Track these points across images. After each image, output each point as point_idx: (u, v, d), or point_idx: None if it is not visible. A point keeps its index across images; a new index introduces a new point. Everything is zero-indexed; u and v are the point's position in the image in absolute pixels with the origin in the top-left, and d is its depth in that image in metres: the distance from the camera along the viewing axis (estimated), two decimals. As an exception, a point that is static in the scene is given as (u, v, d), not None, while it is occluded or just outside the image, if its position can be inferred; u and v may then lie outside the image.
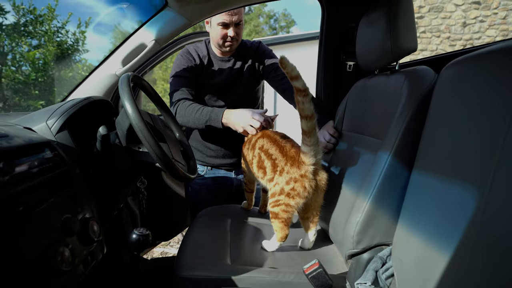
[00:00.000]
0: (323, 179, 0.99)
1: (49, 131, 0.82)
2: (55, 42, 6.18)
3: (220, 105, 1.41)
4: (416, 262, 0.67)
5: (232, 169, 1.51)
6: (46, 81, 5.97)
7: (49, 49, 5.92)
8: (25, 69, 5.96)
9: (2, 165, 0.53)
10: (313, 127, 0.92)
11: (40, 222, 0.56)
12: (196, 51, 1.40)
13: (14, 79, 5.82)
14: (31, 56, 5.72)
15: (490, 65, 0.55)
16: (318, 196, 1.01)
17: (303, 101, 0.88)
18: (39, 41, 6.15)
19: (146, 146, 0.80)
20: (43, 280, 0.52)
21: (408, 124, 0.78)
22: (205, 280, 0.83)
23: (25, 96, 6.02)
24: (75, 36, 6.64)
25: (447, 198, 0.60)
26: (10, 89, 5.98)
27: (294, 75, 0.87)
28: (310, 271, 0.80)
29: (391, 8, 0.87)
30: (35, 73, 5.77)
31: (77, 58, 6.96)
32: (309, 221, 1.04)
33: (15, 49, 6.05)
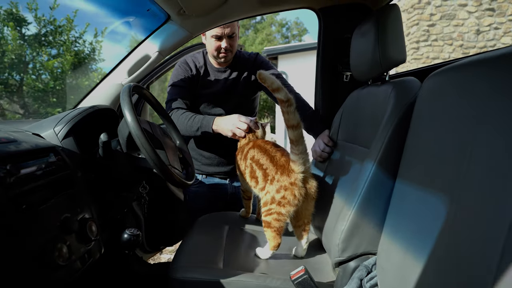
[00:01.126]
0: (313, 187, 1.01)
1: (56, 137, 0.88)
2: (72, 51, 6.45)
3: (216, 113, 1.45)
4: (396, 270, 0.69)
5: (226, 177, 1.55)
6: (63, 89, 6.22)
7: (67, 58, 6.18)
8: (44, 78, 6.22)
9: (9, 167, 0.59)
10: (300, 136, 0.94)
11: (41, 220, 0.61)
12: (193, 62, 1.45)
13: (34, 87, 6.08)
14: (50, 65, 5.98)
15: (466, 76, 0.57)
16: (308, 204, 1.02)
17: (288, 111, 0.91)
18: (58, 51, 6.44)
19: (143, 153, 0.85)
20: (41, 272, 0.58)
21: (393, 133, 0.80)
22: (196, 282, 0.87)
23: (44, 103, 6.27)
24: (92, 45, 6.92)
25: (423, 207, 0.63)
26: (31, 97, 6.24)
27: (275, 88, 0.90)
28: (296, 277, 0.82)
29: (379, 21, 0.91)
30: (53, 82, 6.03)
31: (93, 67, 7.23)
32: (301, 229, 1.06)
33: (36, 59, 6.34)
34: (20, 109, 6.34)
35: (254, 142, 1.18)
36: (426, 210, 0.61)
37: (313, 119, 1.34)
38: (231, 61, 1.47)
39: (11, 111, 6.27)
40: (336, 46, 1.33)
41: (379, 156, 0.81)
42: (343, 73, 1.35)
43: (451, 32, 6.06)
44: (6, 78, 5.93)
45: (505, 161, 0.44)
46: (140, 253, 1.60)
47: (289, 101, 0.91)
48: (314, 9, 1.30)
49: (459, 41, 6.08)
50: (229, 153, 1.42)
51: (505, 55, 0.48)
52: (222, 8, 1.14)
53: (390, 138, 0.80)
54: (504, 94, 0.46)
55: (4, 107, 6.15)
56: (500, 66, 0.49)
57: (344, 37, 1.30)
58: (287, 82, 1.46)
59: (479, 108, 0.51)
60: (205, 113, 1.45)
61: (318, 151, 1.23)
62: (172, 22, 1.22)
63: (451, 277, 0.51)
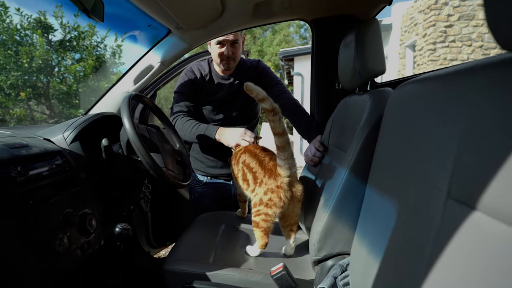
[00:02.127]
0: (299, 191, 1.06)
1: (65, 141, 1.00)
2: (94, 55, 6.78)
3: (219, 118, 1.52)
4: (363, 270, 0.74)
5: (230, 179, 1.61)
6: (85, 91, 6.54)
7: (89, 62, 6.50)
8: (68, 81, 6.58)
9: (19, 169, 0.70)
10: (286, 143, 1.01)
11: (45, 213, 0.72)
12: (198, 69, 1.52)
13: (59, 89, 6.43)
14: (73, 69, 6.31)
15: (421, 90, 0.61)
16: (294, 206, 1.08)
17: (273, 119, 0.98)
18: (80, 55, 6.79)
19: (139, 156, 0.95)
20: (45, 257, 0.68)
21: (365, 141, 0.85)
22: (184, 273, 0.96)
23: (68, 105, 6.63)
24: (112, 49, 7.25)
25: (381, 211, 0.68)
26: (56, 99, 6.61)
27: (261, 98, 0.97)
28: (275, 273, 0.89)
29: (358, 35, 0.97)
30: (76, 84, 6.38)
31: (114, 70, 7.56)
32: (288, 229, 1.12)
33: (61, 63, 6.70)
34: (46, 110, 6.74)
35: (245, 147, 1.25)
36: (383, 214, 0.67)
37: (308, 125, 1.40)
38: (235, 68, 1.52)
39: (39, 112, 6.68)
40: (328, 55, 1.39)
41: (351, 162, 0.86)
42: (335, 81, 1.40)
43: (470, 33, 5.88)
44: (35, 81, 6.31)
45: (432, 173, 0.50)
46: (147, 248, 1.72)
47: (274, 110, 0.97)
48: (307, 21, 1.36)
49: (479, 42, 5.90)
50: None
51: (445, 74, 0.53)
52: (217, 21, 1.23)
53: (362, 145, 0.85)
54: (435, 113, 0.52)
55: (33, 108, 6.55)
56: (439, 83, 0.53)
57: (336, 46, 1.36)
58: (286, 89, 1.53)
59: (426, 122, 0.56)
60: (209, 118, 1.53)
61: (309, 156, 1.29)
62: (172, 35, 1.32)
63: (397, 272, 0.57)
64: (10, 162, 0.70)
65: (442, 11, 5.80)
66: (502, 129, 0.37)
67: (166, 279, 0.96)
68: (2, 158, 0.69)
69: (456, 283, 0.41)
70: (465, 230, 0.41)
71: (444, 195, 0.46)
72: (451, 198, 0.45)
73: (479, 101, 0.42)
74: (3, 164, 0.68)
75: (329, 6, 1.26)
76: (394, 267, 0.59)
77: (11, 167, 0.69)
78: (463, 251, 0.41)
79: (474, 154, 0.41)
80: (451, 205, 0.45)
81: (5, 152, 0.72)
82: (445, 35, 5.85)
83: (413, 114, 0.61)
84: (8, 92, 5.71)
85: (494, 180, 0.37)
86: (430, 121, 0.54)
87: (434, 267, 0.46)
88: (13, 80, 5.72)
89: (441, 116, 0.50)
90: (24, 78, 6.02)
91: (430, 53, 5.91)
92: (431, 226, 0.48)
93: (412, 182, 0.56)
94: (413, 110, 0.61)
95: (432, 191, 0.49)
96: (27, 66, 5.90)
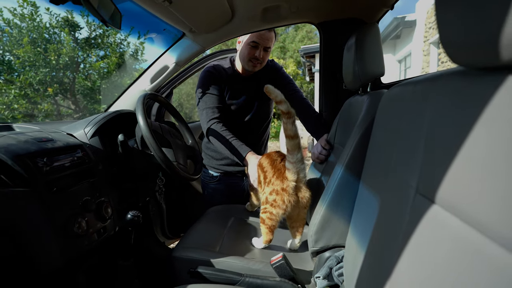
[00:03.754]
0: (305, 198, 1.06)
1: (85, 136, 1.10)
2: (118, 53, 7.04)
3: (238, 119, 1.54)
4: (353, 261, 0.79)
5: (243, 176, 1.66)
6: (108, 87, 6.81)
7: (112, 59, 6.76)
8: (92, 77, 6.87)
9: (45, 160, 0.80)
10: (296, 146, 1.02)
11: (67, 200, 0.82)
12: (222, 69, 1.50)
13: (83, 85, 6.74)
14: (98, 65, 6.58)
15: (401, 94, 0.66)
16: (300, 211, 1.08)
17: (287, 122, 1.00)
18: (105, 52, 7.07)
19: (151, 150, 1.03)
20: (65, 239, 0.78)
21: (359, 140, 0.89)
22: (190, 260, 1.03)
23: (92, 100, 6.93)
24: (135, 47, 7.49)
25: (368, 206, 0.73)
26: (81, 94, 6.92)
27: (279, 100, 1.00)
28: (274, 262, 0.95)
29: (358, 39, 1.00)
30: (100, 80, 6.66)
31: (136, 67, 7.81)
32: (294, 230, 1.15)
33: (86, 60, 7.01)
34: (72, 105, 7.09)
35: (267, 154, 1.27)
36: (369, 208, 0.72)
37: (316, 124, 1.44)
38: None
39: (65, 106, 7.03)
40: (335, 56, 1.43)
41: (346, 160, 0.91)
42: (342, 82, 1.44)
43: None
44: (62, 77, 6.64)
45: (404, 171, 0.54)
46: (163, 238, 1.81)
47: (290, 113, 1.00)
48: (314, 24, 1.40)
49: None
50: None
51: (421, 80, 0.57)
52: (228, 26, 1.29)
53: (357, 143, 0.90)
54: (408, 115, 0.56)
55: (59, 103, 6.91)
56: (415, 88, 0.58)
57: (342, 48, 1.39)
58: (297, 88, 1.57)
59: (403, 124, 0.61)
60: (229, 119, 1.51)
61: (315, 153, 1.33)
62: (186, 37, 1.39)
63: (376, 263, 0.62)
64: (38, 154, 0.80)
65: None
66: (454, 131, 0.42)
67: (174, 265, 1.04)
68: (31, 150, 0.79)
69: (420, 271, 0.46)
70: (427, 223, 0.46)
71: (414, 190, 0.51)
72: (418, 193, 0.50)
73: (441, 105, 0.46)
74: (32, 156, 0.78)
75: (335, 10, 1.30)
76: (374, 258, 0.64)
77: (38, 158, 0.79)
78: (425, 242, 0.46)
79: (436, 152, 0.46)
80: (418, 200, 0.50)
81: (34, 145, 0.82)
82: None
83: (396, 114, 0.65)
84: (37, 88, 6.05)
85: (448, 176, 0.41)
86: (406, 121, 0.58)
87: (403, 257, 0.51)
88: (42, 77, 6.05)
89: (413, 117, 0.54)
90: (51, 75, 6.35)
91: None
92: (402, 220, 0.53)
93: (390, 179, 0.61)
94: (396, 110, 0.65)
95: (404, 187, 0.54)
96: (54, 63, 6.22)
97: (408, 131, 0.56)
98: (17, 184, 0.72)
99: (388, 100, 0.73)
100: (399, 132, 0.61)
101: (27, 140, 0.83)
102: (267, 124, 1.69)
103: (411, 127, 0.55)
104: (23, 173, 0.73)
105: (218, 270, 0.96)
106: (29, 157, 0.76)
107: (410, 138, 0.55)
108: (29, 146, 0.80)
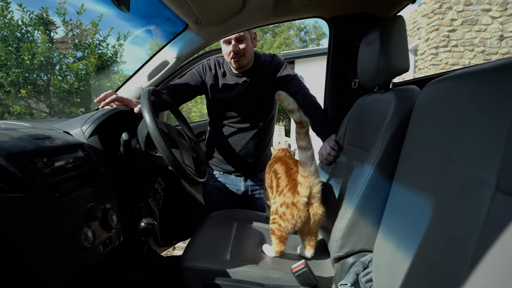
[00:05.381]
0: (318, 214, 0.99)
1: (83, 135, 0.98)
2: (96, 54, 6.75)
3: (233, 115, 1.51)
4: (389, 267, 0.73)
5: (241, 176, 1.62)
6: (86, 90, 6.51)
7: (91, 60, 6.47)
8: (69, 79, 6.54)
9: (45, 160, 0.68)
10: (309, 159, 0.95)
11: (70, 207, 0.70)
12: (216, 65, 1.51)
13: (60, 87, 6.39)
14: (75, 67, 6.27)
15: (453, 87, 0.61)
16: (311, 226, 1.02)
17: (299, 132, 0.93)
18: (83, 53, 6.76)
19: (159, 151, 0.93)
20: (70, 252, 0.66)
21: (391, 138, 0.84)
22: (204, 270, 0.94)
23: (68, 103, 6.58)
24: (115, 48, 7.21)
25: (413, 208, 0.67)
26: (56, 97, 6.56)
27: (290, 109, 0.92)
28: (296, 269, 0.88)
29: (383, 32, 0.96)
30: (77, 83, 6.33)
31: (115, 69, 7.52)
32: (306, 242, 1.07)
33: (62, 61, 6.66)
34: (46, 108, 6.69)
35: (280, 157, 1.21)
36: (415, 211, 0.66)
37: (323, 123, 1.38)
38: (251, 65, 1.49)
39: (38, 110, 6.63)
40: (345, 54, 1.38)
41: (377, 159, 0.85)
42: (352, 80, 1.39)
43: (473, 38, 5.93)
44: (35, 79, 6.26)
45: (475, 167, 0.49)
46: (154, 246, 1.70)
47: (302, 123, 0.93)
48: (325, 18, 1.36)
49: (481, 47, 5.94)
50: (247, 155, 1.53)
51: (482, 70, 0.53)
52: (236, 17, 1.22)
53: (389, 143, 0.85)
54: (477, 105, 0.51)
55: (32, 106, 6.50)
56: (477, 79, 0.53)
57: (353, 45, 1.35)
58: (303, 84, 1.49)
59: (459, 117, 0.56)
60: (224, 115, 1.52)
61: (324, 154, 1.28)
62: (189, 30, 1.31)
63: (434, 271, 0.56)
64: (36, 153, 0.68)
65: (446, 15, 5.84)
66: None
67: (186, 277, 0.94)
68: (28, 149, 0.67)
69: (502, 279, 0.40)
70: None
71: (492, 188, 0.45)
72: (499, 191, 0.44)
73: None
74: (29, 155, 0.66)
75: (348, 4, 1.26)
76: (428, 265, 0.58)
77: (37, 158, 0.67)
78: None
79: None
80: (500, 199, 0.44)
81: (30, 142, 0.70)
82: (448, 39, 5.88)
83: (449, 111, 0.60)
84: (9, 89, 5.65)
85: None
86: (470, 118, 0.53)
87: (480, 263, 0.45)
88: (14, 77, 5.67)
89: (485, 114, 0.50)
90: (25, 75, 5.96)
91: (432, 57, 5.95)
92: (475, 222, 0.47)
93: (451, 179, 0.55)
94: (449, 107, 0.61)
95: (476, 186, 0.48)
96: (28, 63, 5.85)
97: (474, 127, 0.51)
98: (12, 189, 0.60)
99: (433, 96, 0.69)
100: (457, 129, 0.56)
101: (21, 137, 0.71)
102: (269, 122, 1.62)
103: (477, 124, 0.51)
104: (20, 175, 0.62)
105: (236, 281, 0.88)
106: (26, 157, 0.65)
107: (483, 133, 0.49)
108: (25, 144, 0.69)
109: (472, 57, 5.93)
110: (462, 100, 0.57)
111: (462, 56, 5.92)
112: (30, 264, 0.59)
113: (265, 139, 1.61)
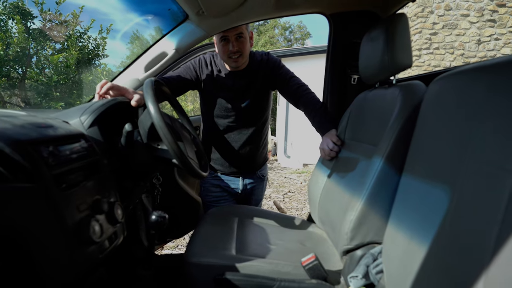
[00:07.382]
0: None
1: (82, 125, 0.93)
2: (77, 46, 6.48)
3: (229, 114, 1.48)
4: (401, 257, 0.74)
5: (239, 175, 1.60)
6: (67, 83, 6.24)
7: (71, 53, 6.21)
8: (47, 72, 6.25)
9: (51, 149, 0.64)
10: None
11: (77, 199, 0.67)
12: (212, 60, 1.47)
13: (37, 80, 6.10)
14: (55, 59, 6.00)
15: (466, 81, 0.63)
16: None
17: None
18: (62, 45, 6.47)
19: (165, 143, 0.90)
20: (77, 246, 0.63)
21: (399, 132, 0.86)
22: (211, 266, 0.92)
23: (47, 97, 6.29)
24: (97, 41, 6.96)
25: (427, 199, 0.68)
26: (34, 90, 6.26)
27: None
28: (307, 263, 0.88)
29: (389, 28, 0.97)
30: (57, 76, 6.06)
31: (97, 63, 7.26)
32: None
33: (40, 52, 6.36)
34: (21, 102, 6.36)
35: None
36: (429, 202, 0.67)
37: (323, 119, 1.39)
38: (247, 63, 1.46)
39: (12, 103, 6.29)
40: (345, 50, 1.40)
41: (386, 152, 0.87)
42: (351, 76, 1.41)
43: (453, 41, 6.15)
44: (9, 70, 5.94)
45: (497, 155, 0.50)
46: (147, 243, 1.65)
47: None
48: (325, 14, 1.36)
49: (460, 50, 6.18)
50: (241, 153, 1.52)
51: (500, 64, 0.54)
52: (239, 10, 1.20)
53: (397, 136, 0.86)
54: (498, 96, 0.52)
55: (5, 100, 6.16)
56: (495, 72, 0.55)
57: (353, 42, 1.37)
58: (301, 82, 1.49)
59: (476, 108, 0.57)
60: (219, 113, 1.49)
61: (326, 150, 1.28)
62: (189, 21, 1.27)
63: (451, 262, 0.57)
64: (41, 142, 0.64)
65: (428, 19, 6.03)
66: None
67: (193, 273, 0.92)
68: (33, 137, 0.63)
69: None
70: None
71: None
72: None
73: None
74: (34, 143, 0.62)
75: (349, 0, 1.26)
76: (445, 255, 0.59)
77: (42, 147, 0.63)
78: None
79: None
80: None
81: (33, 130, 0.66)
82: (430, 42, 6.08)
83: (465, 102, 0.61)
84: (-20, 82, 5.34)
85: None
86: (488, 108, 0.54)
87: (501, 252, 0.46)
88: (-14, 69, 5.36)
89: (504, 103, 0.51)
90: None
91: (415, 58, 6.13)
92: (495, 210, 0.48)
93: (468, 167, 0.57)
94: (464, 99, 0.62)
95: (495, 174, 0.50)
96: (2, 53, 5.55)
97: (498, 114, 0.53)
98: (18, 178, 0.56)
99: (443, 89, 0.71)
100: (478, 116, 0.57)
101: (24, 124, 0.66)
102: (265, 121, 1.61)
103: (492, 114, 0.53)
104: (26, 164, 0.57)
105: (247, 276, 0.86)
106: (31, 145, 0.61)
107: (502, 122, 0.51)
108: (28, 131, 0.64)
109: (453, 59, 6.17)
110: (479, 92, 0.58)
111: (443, 59, 6.14)
112: (37, 261, 0.55)
113: (261, 137, 1.60)
